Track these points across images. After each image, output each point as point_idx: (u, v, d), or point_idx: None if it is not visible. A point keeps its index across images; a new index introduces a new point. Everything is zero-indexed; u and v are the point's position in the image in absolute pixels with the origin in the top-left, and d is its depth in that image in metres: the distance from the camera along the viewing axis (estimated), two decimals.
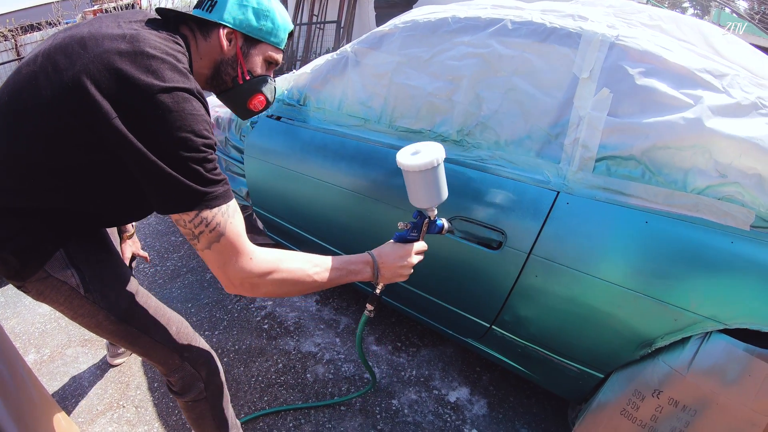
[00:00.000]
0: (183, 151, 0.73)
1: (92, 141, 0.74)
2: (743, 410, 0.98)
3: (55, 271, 0.84)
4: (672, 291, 1.03)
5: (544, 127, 1.21)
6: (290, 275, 0.86)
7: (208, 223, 0.77)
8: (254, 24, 0.90)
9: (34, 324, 2.00)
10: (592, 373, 1.23)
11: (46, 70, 0.75)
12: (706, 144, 1.01)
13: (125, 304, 0.92)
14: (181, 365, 1.01)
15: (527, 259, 1.20)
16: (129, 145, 0.71)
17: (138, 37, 0.76)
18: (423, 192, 1.00)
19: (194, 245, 0.80)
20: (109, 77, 0.71)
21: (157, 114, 0.71)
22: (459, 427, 1.46)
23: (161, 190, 0.75)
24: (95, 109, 0.71)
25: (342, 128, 1.64)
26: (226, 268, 0.80)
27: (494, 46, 1.31)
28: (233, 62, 0.92)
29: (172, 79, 0.73)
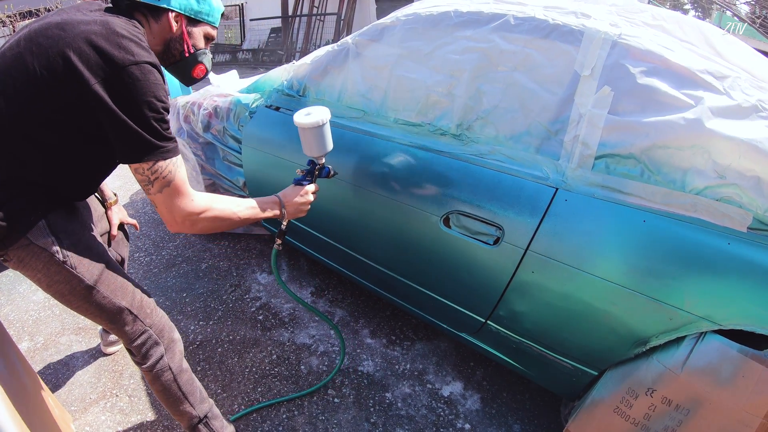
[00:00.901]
0: (147, 111, 0.90)
1: (74, 103, 0.88)
2: (736, 411, 0.98)
3: (37, 239, 0.95)
4: (668, 290, 1.03)
5: (544, 123, 1.20)
6: (221, 213, 1.05)
7: (162, 171, 0.94)
8: (195, 8, 1.08)
9: (28, 312, 1.98)
10: (586, 370, 1.23)
11: (30, 50, 0.88)
12: (705, 145, 1.01)
13: (97, 272, 1.03)
14: (144, 331, 1.11)
15: (524, 254, 1.20)
16: (105, 106, 0.87)
17: (107, 22, 0.91)
18: (314, 144, 1.24)
19: (147, 190, 0.96)
20: (89, 51, 0.87)
21: (128, 82, 0.88)
22: (452, 421, 1.46)
23: (128, 143, 0.91)
24: (78, 76, 0.86)
25: (341, 120, 1.62)
26: (172, 208, 0.97)
27: (496, 41, 1.30)
28: (180, 39, 1.09)
29: (139, 54, 0.89)
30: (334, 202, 1.65)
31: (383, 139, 1.49)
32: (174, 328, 1.19)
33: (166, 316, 1.18)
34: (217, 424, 1.27)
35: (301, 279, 2.16)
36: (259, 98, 1.94)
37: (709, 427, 1.02)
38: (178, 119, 2.35)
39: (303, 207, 1.25)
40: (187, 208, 0.98)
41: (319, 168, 1.29)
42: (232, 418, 1.45)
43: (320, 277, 2.17)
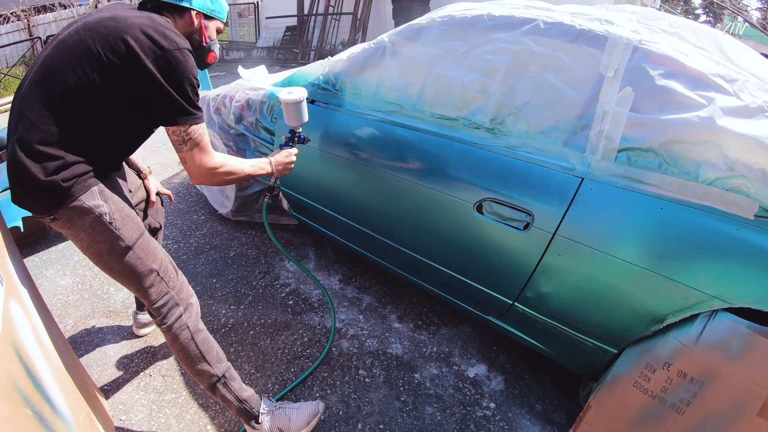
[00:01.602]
0: (187, 85, 1.20)
1: (130, 77, 1.15)
2: (745, 382, 1.12)
3: (88, 201, 1.17)
4: (682, 271, 1.19)
5: (572, 119, 1.39)
6: (232, 168, 1.36)
7: (194, 133, 1.24)
8: (210, 7, 1.40)
9: (57, 295, 2.15)
10: (606, 348, 1.39)
11: (92, 36, 1.14)
12: (717, 140, 1.18)
13: (136, 235, 1.26)
14: (167, 292, 1.32)
15: (552, 239, 1.38)
16: (154, 80, 1.15)
17: (151, 17, 1.21)
18: (294, 116, 1.66)
19: (180, 148, 1.25)
20: (143, 38, 1.15)
21: (172, 62, 1.17)
22: (478, 400, 1.63)
23: (171, 110, 1.20)
24: (135, 55, 1.13)
25: (378, 113, 1.81)
26: (200, 162, 1.27)
27: (527, 43, 1.49)
28: (199, 32, 1.41)
29: (180, 43, 1.19)
30: (371, 190, 1.83)
31: (419, 132, 1.68)
32: (192, 292, 1.41)
33: (185, 281, 1.40)
34: (236, 386, 1.41)
35: (328, 267, 2.35)
36: None
37: (720, 397, 1.16)
38: (208, 111, 2.56)
39: (288, 166, 1.60)
40: (210, 163, 1.29)
41: (297, 135, 1.71)
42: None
43: (347, 266, 2.35)
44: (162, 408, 1.59)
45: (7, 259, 1.17)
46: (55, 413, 0.96)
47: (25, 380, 0.89)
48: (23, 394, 0.84)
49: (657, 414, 1.26)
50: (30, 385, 0.90)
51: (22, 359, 0.93)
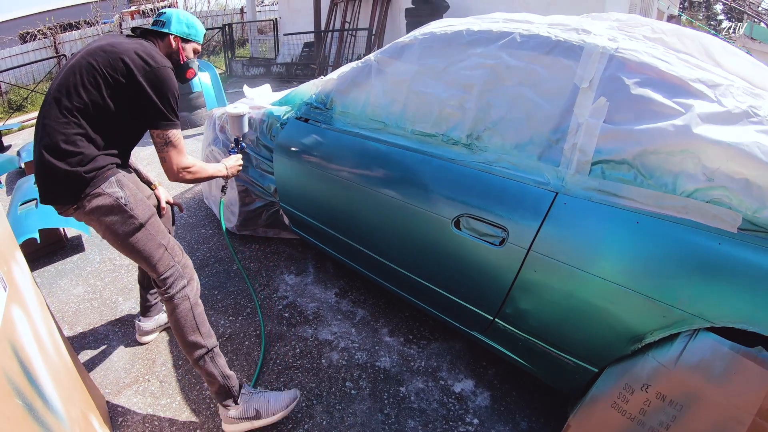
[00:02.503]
0: (169, 96, 1.42)
1: (125, 87, 1.37)
2: (728, 407, 1.03)
3: (107, 189, 1.38)
4: (661, 288, 1.11)
5: (546, 132, 1.34)
6: (199, 169, 1.56)
7: (172, 136, 1.44)
8: (186, 31, 1.61)
9: (69, 304, 2.25)
10: (587, 367, 1.32)
11: (95, 58, 1.38)
12: (694, 149, 1.11)
13: (148, 215, 1.45)
14: (173, 265, 1.48)
15: (527, 254, 1.32)
16: (144, 91, 1.38)
17: (142, 44, 1.45)
18: (237, 127, 2.00)
19: (161, 148, 1.45)
20: (136, 58, 1.38)
21: (158, 77, 1.39)
22: (461, 416, 1.57)
23: (156, 116, 1.41)
24: (130, 71, 1.37)
25: (364, 131, 1.81)
26: (173, 162, 1.47)
27: (503, 57, 1.45)
28: (177, 53, 1.61)
29: (164, 62, 1.43)
30: (358, 207, 1.83)
31: (402, 148, 1.66)
32: (195, 273, 1.56)
33: (190, 260, 1.56)
34: (221, 362, 1.49)
35: (326, 281, 2.34)
36: (290, 110, 2.17)
37: (701, 422, 1.08)
38: (213, 129, 2.63)
39: (237, 168, 1.83)
40: (183, 163, 1.49)
41: (240, 143, 2.03)
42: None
43: (344, 280, 2.34)
44: (157, 412, 1.63)
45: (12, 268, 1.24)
46: (47, 407, 1.02)
47: (20, 375, 0.95)
48: (15, 386, 0.89)
49: None
50: (24, 379, 0.96)
51: (18, 356, 0.99)
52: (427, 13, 6.49)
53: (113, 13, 12.94)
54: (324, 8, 8.69)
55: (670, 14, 8.36)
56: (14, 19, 13.42)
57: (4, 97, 9.14)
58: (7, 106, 8.83)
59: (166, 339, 1.98)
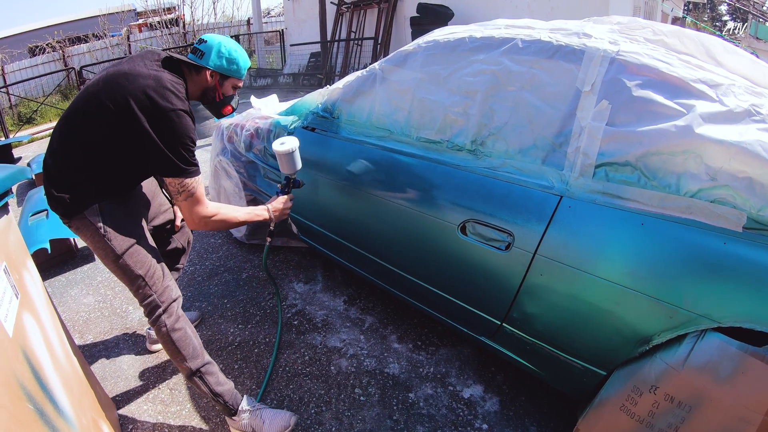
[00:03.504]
0: (179, 145, 1.32)
1: (130, 133, 1.30)
2: (737, 407, 1.03)
3: (90, 216, 1.36)
4: (667, 289, 1.12)
5: (549, 136, 1.36)
6: (225, 216, 1.50)
7: (187, 186, 1.36)
8: (226, 67, 1.50)
9: (79, 313, 2.30)
10: (595, 370, 1.32)
11: (105, 90, 1.32)
12: (696, 149, 1.12)
13: (125, 246, 1.41)
14: (150, 295, 1.44)
15: (533, 259, 1.34)
16: (150, 139, 1.29)
17: (159, 78, 1.34)
18: (287, 165, 1.71)
19: (176, 198, 1.38)
20: (144, 99, 1.29)
21: (167, 123, 1.30)
22: (470, 421, 1.58)
23: (164, 165, 1.33)
24: (134, 117, 1.28)
25: (370, 139, 1.85)
26: (192, 212, 1.41)
27: (506, 63, 1.49)
28: (213, 89, 1.53)
29: (176, 104, 1.32)
30: (365, 214, 1.86)
31: (407, 156, 1.70)
32: (174, 297, 1.50)
33: (172, 287, 1.50)
34: (212, 380, 1.49)
35: (335, 288, 2.37)
36: (297, 120, 2.22)
37: (710, 423, 1.08)
38: (222, 140, 2.69)
39: (285, 211, 1.70)
40: (202, 212, 1.43)
41: (292, 181, 1.77)
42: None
43: (353, 287, 2.37)
44: (167, 419, 1.66)
45: (24, 276, 1.29)
46: (57, 412, 1.05)
47: (31, 380, 0.99)
48: (26, 391, 0.93)
49: None
50: (35, 384, 1.00)
51: (30, 362, 1.03)
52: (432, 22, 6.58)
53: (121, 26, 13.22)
54: (330, 18, 8.83)
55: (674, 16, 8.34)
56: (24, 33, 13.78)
57: (15, 110, 9.36)
58: (17, 119, 9.03)
59: None
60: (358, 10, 8.38)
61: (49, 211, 2.89)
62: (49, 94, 9.78)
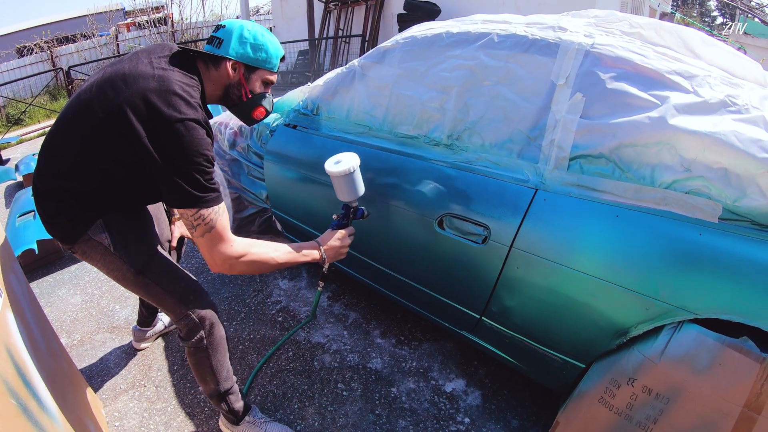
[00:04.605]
0: (190, 166, 1.01)
1: (128, 150, 1.04)
2: (715, 399, 1.00)
3: (95, 235, 1.13)
4: (643, 281, 1.09)
5: (524, 130, 1.32)
6: (259, 257, 1.16)
7: (204, 218, 1.05)
8: (252, 56, 1.18)
9: (67, 312, 2.24)
10: (574, 363, 1.29)
11: (98, 98, 1.05)
12: (670, 141, 1.08)
13: (143, 260, 1.18)
14: (187, 314, 1.20)
15: (509, 252, 1.30)
16: (152, 159, 1.01)
17: (163, 77, 1.04)
18: (345, 190, 1.35)
19: (192, 233, 1.08)
20: (143, 107, 1.01)
21: (173, 137, 1.00)
22: (452, 415, 1.54)
23: (172, 192, 1.04)
24: (132, 130, 1.01)
25: (350, 135, 1.80)
26: (213, 252, 1.09)
27: (481, 57, 1.44)
28: (238, 85, 1.20)
29: (185, 112, 1.01)
30: None
31: (386, 151, 1.65)
32: (215, 316, 1.28)
33: (211, 304, 1.27)
34: (233, 398, 1.39)
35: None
36: (279, 118, 2.16)
37: (689, 415, 1.05)
38: None
39: (341, 250, 1.34)
40: (227, 252, 1.09)
41: (353, 211, 1.40)
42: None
43: (337, 284, 2.32)
44: (153, 416, 1.62)
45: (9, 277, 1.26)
46: (41, 408, 1.03)
47: (14, 376, 0.96)
48: (9, 387, 0.91)
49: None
50: (18, 380, 0.98)
51: (13, 359, 1.01)
52: (419, 18, 6.49)
53: (109, 25, 12.93)
54: (317, 16, 8.71)
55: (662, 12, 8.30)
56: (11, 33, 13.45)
57: (2, 112, 9.13)
58: (6, 120, 8.81)
59: (162, 345, 1.96)
60: (346, 7, 8.27)
61: (36, 212, 2.81)
62: (38, 94, 9.54)
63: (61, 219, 1.11)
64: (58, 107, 9.25)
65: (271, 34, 1.22)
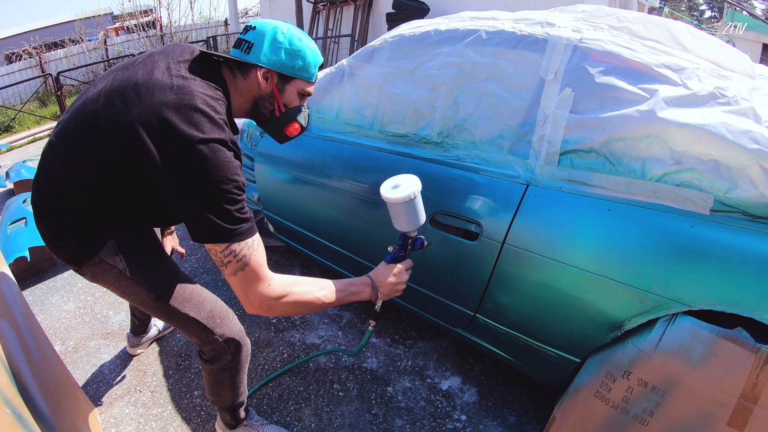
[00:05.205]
0: (216, 194, 0.86)
1: (142, 174, 0.89)
2: (711, 390, 0.99)
3: (107, 257, 1.00)
4: (636, 275, 1.07)
5: (514, 126, 1.30)
6: (301, 297, 1.00)
7: (236, 254, 0.90)
8: (287, 63, 1.01)
9: (60, 320, 2.19)
10: (569, 357, 1.27)
11: (106, 111, 0.89)
12: (660, 133, 1.06)
13: (164, 285, 1.06)
14: (214, 338, 1.12)
15: (501, 248, 1.28)
16: (171, 187, 0.86)
17: (183, 89, 0.88)
18: (404, 219, 1.16)
19: (222, 271, 0.94)
20: (158, 126, 0.84)
21: (195, 161, 0.84)
22: (449, 413, 1.52)
23: (196, 225, 0.89)
24: (146, 151, 0.85)
25: (340, 135, 1.77)
26: (248, 292, 0.94)
27: (470, 54, 1.41)
28: (270, 97, 1.04)
29: (209, 130, 0.85)
30: (336, 209, 1.78)
31: (376, 150, 1.62)
32: (243, 336, 1.20)
33: (237, 325, 1.19)
34: (241, 409, 1.37)
35: None
36: None
37: (685, 407, 1.03)
38: None
39: (398, 287, 1.16)
40: (264, 293, 0.94)
41: (411, 242, 1.22)
42: None
43: None
44: (149, 421, 1.58)
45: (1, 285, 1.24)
46: (36, 416, 1.00)
47: (8, 384, 0.93)
48: (4, 396, 0.87)
49: (621, 425, 1.14)
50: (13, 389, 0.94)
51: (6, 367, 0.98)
52: (408, 17, 6.45)
53: (98, 30, 12.72)
54: (306, 17, 8.62)
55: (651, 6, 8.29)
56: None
57: None
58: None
59: (156, 350, 1.92)
60: (335, 7, 8.18)
61: (27, 219, 2.75)
62: (27, 101, 9.33)
63: (68, 240, 0.98)
64: (48, 113, 9.07)
65: (308, 38, 1.05)
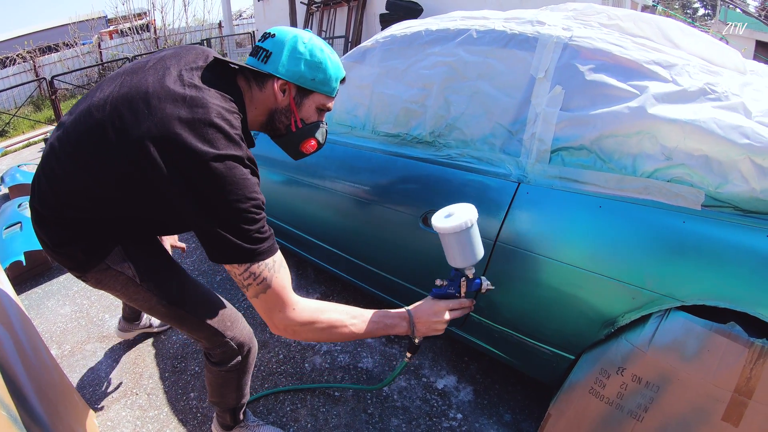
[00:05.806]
0: (233, 214, 0.80)
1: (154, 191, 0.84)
2: (705, 385, 0.98)
3: (114, 264, 0.95)
4: (628, 271, 1.06)
5: (505, 124, 1.28)
6: (329, 325, 0.94)
7: (256, 276, 0.85)
8: (307, 76, 0.94)
9: (56, 323, 2.17)
10: (563, 354, 1.26)
11: (113, 122, 0.82)
12: (650, 130, 1.05)
13: (176, 291, 1.03)
14: (225, 342, 1.09)
15: (494, 246, 1.27)
16: (185, 204, 0.80)
17: (197, 101, 0.81)
18: (458, 252, 1.03)
19: (244, 292, 0.89)
20: (171, 144, 0.78)
21: (210, 179, 0.78)
22: (445, 411, 1.51)
23: (212, 245, 0.83)
24: (157, 169, 0.79)
25: (332, 135, 1.75)
26: (272, 315, 0.90)
27: (461, 54, 1.40)
28: (287, 111, 0.98)
29: (224, 147, 0.79)
30: (332, 212, 1.76)
31: (369, 151, 1.61)
32: (252, 337, 1.18)
33: (247, 327, 1.17)
34: (241, 411, 1.36)
35: (307, 287, 2.27)
36: None
37: (680, 402, 1.03)
38: None
39: (437, 326, 1.05)
40: (289, 317, 0.89)
41: (466, 281, 1.06)
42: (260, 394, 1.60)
43: (326, 285, 2.28)
44: (145, 424, 1.56)
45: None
46: (32, 419, 0.98)
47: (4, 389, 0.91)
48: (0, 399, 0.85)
49: (616, 421, 1.12)
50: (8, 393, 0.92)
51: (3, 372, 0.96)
52: (402, 18, 6.42)
53: (92, 33, 12.63)
54: (300, 18, 8.59)
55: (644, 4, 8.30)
56: None
57: None
58: None
59: (152, 353, 1.90)
60: (328, 9, 8.15)
61: (23, 223, 2.72)
62: (21, 105, 9.23)
63: (72, 248, 0.93)
64: (42, 117, 8.99)
65: (331, 50, 0.98)
